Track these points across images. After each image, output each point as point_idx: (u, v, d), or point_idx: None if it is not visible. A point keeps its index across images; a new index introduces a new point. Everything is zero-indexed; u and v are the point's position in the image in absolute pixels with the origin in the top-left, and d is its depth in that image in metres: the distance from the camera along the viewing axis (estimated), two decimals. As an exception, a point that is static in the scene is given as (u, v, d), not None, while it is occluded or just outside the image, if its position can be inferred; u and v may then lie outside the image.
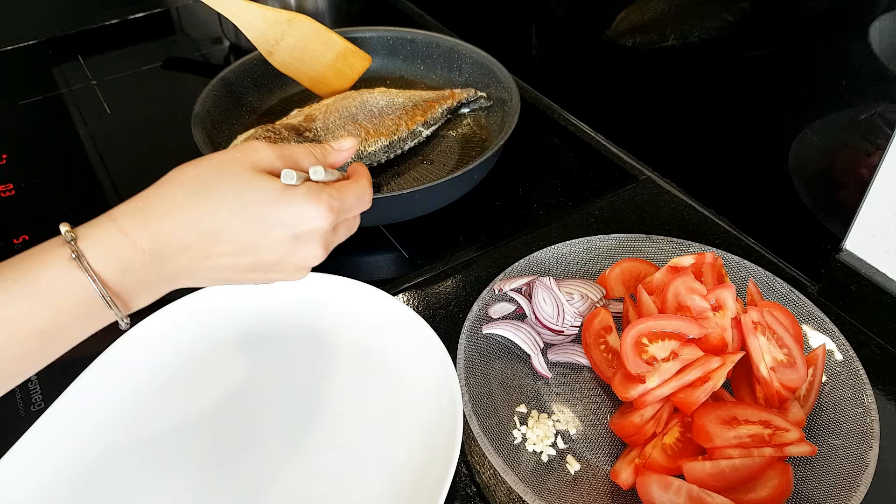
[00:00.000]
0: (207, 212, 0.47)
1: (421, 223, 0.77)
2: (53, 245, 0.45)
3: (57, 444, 0.55)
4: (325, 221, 0.49)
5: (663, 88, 0.82)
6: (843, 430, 0.55)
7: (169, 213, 0.46)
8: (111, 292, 0.45)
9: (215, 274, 0.49)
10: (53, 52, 1.12)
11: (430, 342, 0.61)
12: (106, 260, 0.45)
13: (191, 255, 0.47)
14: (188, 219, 0.46)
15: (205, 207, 0.47)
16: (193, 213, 0.47)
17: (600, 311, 0.63)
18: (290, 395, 0.60)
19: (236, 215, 0.47)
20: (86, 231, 0.45)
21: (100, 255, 0.44)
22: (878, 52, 0.59)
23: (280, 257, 0.50)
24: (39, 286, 0.43)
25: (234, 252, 0.48)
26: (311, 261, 0.52)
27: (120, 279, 0.45)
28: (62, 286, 0.44)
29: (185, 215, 0.46)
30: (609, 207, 0.81)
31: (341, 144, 0.55)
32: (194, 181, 0.48)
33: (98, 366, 0.60)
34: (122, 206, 0.47)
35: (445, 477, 0.51)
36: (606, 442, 0.57)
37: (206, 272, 0.49)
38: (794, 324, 0.60)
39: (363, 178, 0.55)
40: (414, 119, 0.84)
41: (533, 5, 0.96)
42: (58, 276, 0.44)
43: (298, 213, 0.49)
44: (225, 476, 0.55)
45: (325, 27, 0.90)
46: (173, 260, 0.47)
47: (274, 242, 0.49)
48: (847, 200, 0.64)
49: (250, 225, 0.48)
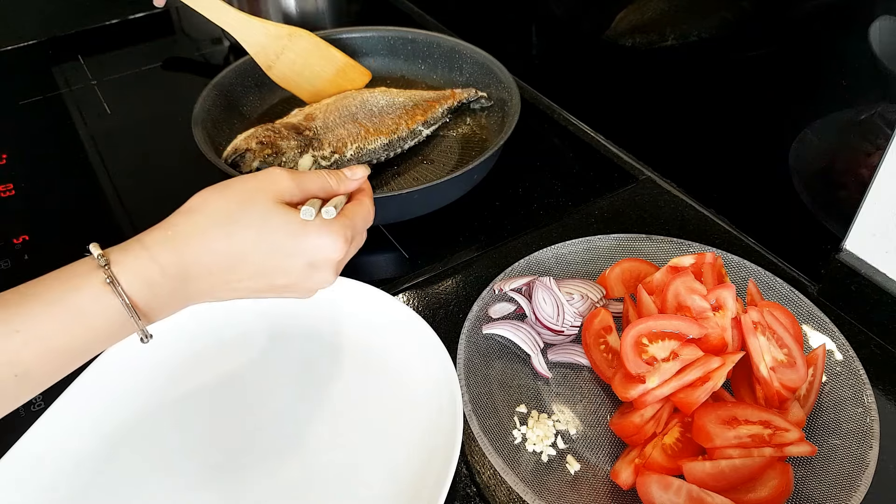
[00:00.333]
0: (233, 243, 0.50)
1: (421, 223, 0.77)
2: (87, 268, 0.47)
3: (57, 444, 0.55)
4: (341, 253, 0.53)
5: (663, 88, 0.82)
6: (843, 430, 0.55)
7: (198, 242, 0.50)
8: (139, 313, 0.48)
9: (232, 294, 0.53)
10: (53, 52, 1.12)
11: (430, 342, 0.61)
12: (138, 286, 0.47)
13: (213, 280, 0.50)
14: (215, 250, 0.50)
15: (231, 239, 0.50)
16: (220, 245, 0.50)
17: (600, 311, 0.63)
18: (290, 395, 0.60)
19: (258, 245, 0.51)
20: (118, 256, 0.48)
21: (131, 280, 0.47)
22: (878, 52, 0.59)
23: (293, 282, 0.53)
24: (76, 309, 0.46)
25: (252, 277, 0.52)
26: (322, 285, 0.55)
27: (148, 302, 0.48)
28: (97, 309, 0.46)
29: (213, 247, 0.50)
30: (609, 207, 0.81)
31: (354, 174, 0.58)
32: (220, 213, 0.51)
33: (98, 366, 0.60)
34: (152, 232, 0.50)
35: (445, 477, 0.51)
36: (606, 442, 0.57)
37: (223, 293, 0.52)
38: (794, 324, 0.60)
39: (367, 197, 0.58)
40: (414, 118, 0.84)
41: (533, 5, 0.96)
42: (93, 298, 0.46)
43: (316, 245, 0.52)
44: (225, 476, 0.55)
45: (325, 42, 0.90)
46: (196, 283, 0.50)
47: (291, 269, 0.52)
48: (847, 200, 0.64)
49: (271, 254, 0.51)
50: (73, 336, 0.46)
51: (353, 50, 0.96)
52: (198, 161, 0.75)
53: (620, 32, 0.84)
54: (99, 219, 0.82)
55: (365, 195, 0.58)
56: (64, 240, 0.77)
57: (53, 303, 0.45)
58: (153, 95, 1.03)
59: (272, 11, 1.16)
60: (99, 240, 0.48)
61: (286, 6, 1.16)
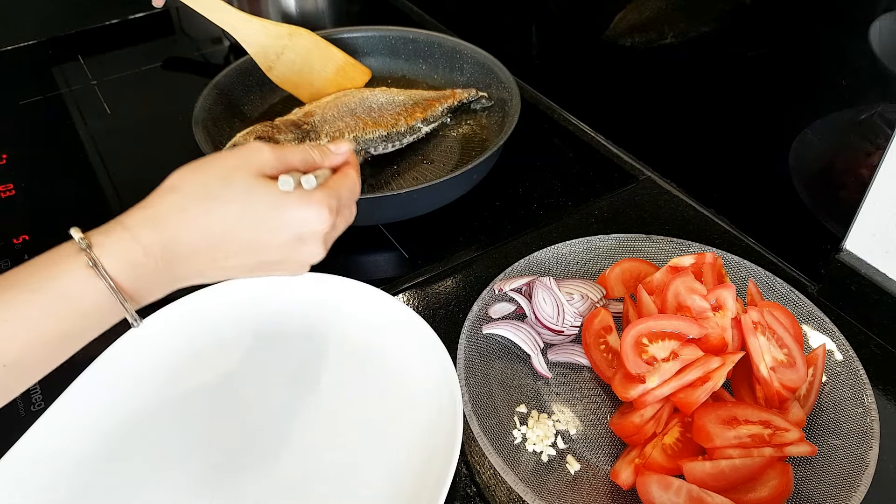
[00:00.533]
0: (215, 219, 0.49)
1: (421, 223, 0.77)
2: (69, 251, 0.47)
3: (57, 444, 0.55)
4: (327, 224, 0.51)
5: (663, 88, 0.82)
6: (843, 430, 0.55)
7: (178, 220, 0.48)
8: (126, 295, 0.47)
9: (222, 273, 0.52)
10: (53, 52, 1.12)
11: (430, 342, 0.61)
12: (121, 266, 0.47)
13: (199, 259, 0.49)
14: (197, 226, 0.48)
15: (212, 215, 0.49)
16: (202, 221, 0.48)
17: (600, 311, 0.63)
18: (289, 395, 0.60)
19: (242, 221, 0.49)
20: (99, 238, 0.47)
21: (114, 261, 0.46)
22: (878, 52, 0.59)
23: (283, 257, 0.52)
24: (62, 293, 0.45)
25: (239, 254, 0.50)
26: (312, 258, 0.53)
27: (133, 283, 0.47)
28: (82, 292, 0.46)
29: (194, 223, 0.48)
30: (609, 207, 0.81)
31: (339, 147, 0.57)
32: (201, 189, 0.49)
33: (98, 366, 0.60)
34: (132, 212, 0.49)
35: (445, 477, 0.51)
36: (606, 442, 0.57)
37: (212, 272, 0.51)
38: (794, 324, 0.60)
39: (351, 168, 0.56)
40: (413, 115, 0.84)
41: (533, 5, 0.96)
42: (77, 282, 0.45)
43: (299, 217, 0.51)
44: (225, 476, 0.55)
45: (325, 41, 0.90)
46: (183, 264, 0.49)
47: (278, 244, 0.51)
48: (847, 200, 0.64)
49: (255, 229, 0.50)
50: (61, 322, 0.45)
51: (354, 50, 0.96)
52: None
53: (620, 32, 0.84)
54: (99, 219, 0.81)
55: (350, 167, 0.56)
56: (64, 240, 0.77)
57: (38, 289, 0.45)
58: (153, 95, 1.03)
59: (272, 11, 1.16)
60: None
61: (286, 6, 1.17)
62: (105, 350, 0.60)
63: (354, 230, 0.77)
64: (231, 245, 0.50)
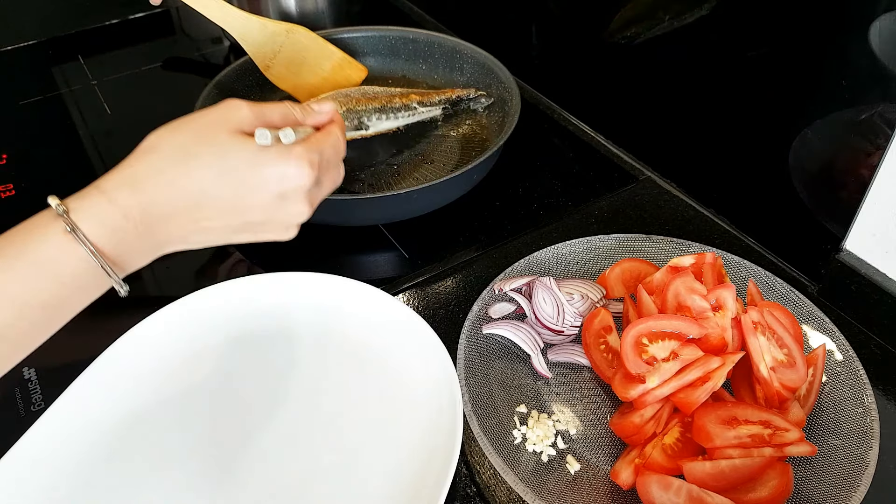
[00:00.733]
0: (192, 179, 0.47)
1: (421, 223, 0.77)
2: (46, 219, 0.45)
3: (57, 443, 0.55)
4: (308, 179, 0.50)
5: (663, 88, 0.82)
6: (843, 430, 0.55)
7: (155, 182, 0.47)
8: (108, 261, 0.46)
9: (206, 237, 0.50)
10: (53, 52, 1.12)
11: (430, 342, 0.61)
12: (100, 231, 0.45)
13: (180, 222, 0.48)
14: (175, 187, 0.47)
15: (189, 175, 0.47)
16: (179, 182, 0.47)
17: (600, 311, 0.63)
18: (289, 395, 0.60)
19: (220, 179, 0.48)
20: (76, 203, 0.46)
21: (93, 226, 0.45)
22: (878, 52, 0.59)
23: (267, 217, 0.51)
24: (40, 261, 0.44)
25: (221, 215, 0.49)
26: (298, 217, 0.52)
27: (115, 248, 0.46)
28: (62, 259, 0.44)
29: (172, 184, 0.47)
30: (609, 207, 0.81)
31: (321, 106, 0.55)
32: (176, 149, 0.48)
33: (98, 366, 0.60)
34: (108, 176, 0.48)
35: (445, 477, 0.51)
36: (606, 442, 0.57)
37: (196, 236, 0.50)
38: (794, 324, 0.60)
39: (335, 126, 0.55)
40: (409, 97, 0.85)
41: (533, 5, 0.96)
42: (56, 249, 0.44)
43: (279, 173, 0.49)
44: (225, 476, 0.55)
45: (322, 39, 0.90)
46: (164, 227, 0.48)
47: (259, 203, 0.50)
48: (847, 200, 0.64)
49: (235, 188, 0.48)
50: (42, 290, 0.44)
51: (354, 50, 0.96)
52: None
53: (620, 32, 0.84)
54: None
55: (334, 126, 0.55)
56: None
57: (16, 257, 0.44)
58: (153, 95, 1.03)
59: (272, 11, 1.16)
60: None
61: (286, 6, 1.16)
62: (105, 350, 0.60)
63: (354, 230, 0.78)
64: (212, 205, 0.48)
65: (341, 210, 0.74)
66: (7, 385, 0.62)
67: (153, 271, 0.74)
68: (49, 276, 0.44)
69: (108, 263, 0.46)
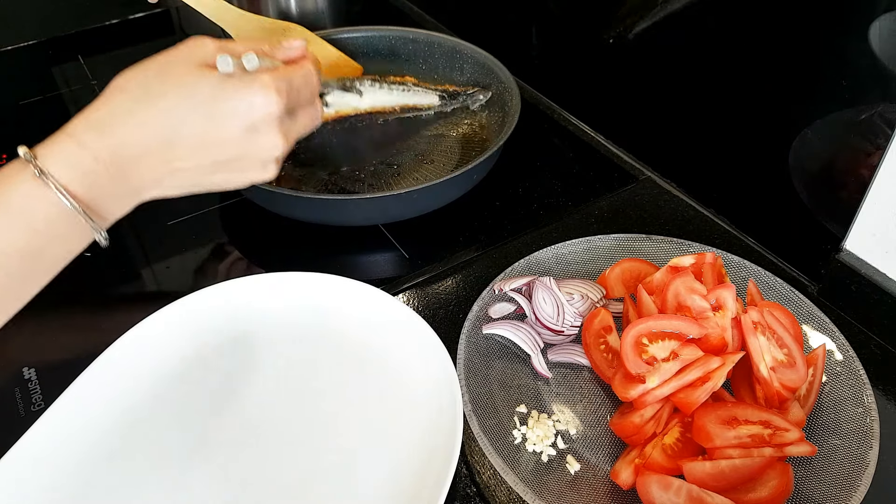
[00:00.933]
0: (158, 115, 0.47)
1: (421, 223, 0.77)
2: (16, 167, 0.45)
3: (57, 444, 0.55)
4: (276, 107, 0.49)
5: (663, 88, 0.82)
6: (843, 430, 0.55)
7: (122, 122, 0.47)
8: (82, 205, 0.45)
9: (181, 180, 0.49)
10: (53, 52, 1.12)
11: (430, 342, 0.61)
12: (70, 174, 0.45)
13: (152, 163, 0.47)
14: (141, 125, 0.47)
15: (154, 112, 0.47)
16: (145, 120, 0.47)
17: (600, 311, 0.63)
18: (289, 396, 0.60)
19: (186, 114, 0.47)
20: (44, 150, 0.46)
21: (63, 169, 0.45)
22: (878, 52, 0.59)
23: (240, 152, 0.50)
24: (11, 208, 0.44)
25: (193, 154, 0.48)
26: (272, 151, 0.51)
27: (88, 192, 0.46)
28: (33, 205, 0.44)
29: (141, 125, 0.47)
30: (609, 207, 0.81)
31: (291, 43, 0.54)
32: (140, 87, 0.48)
33: (98, 366, 0.59)
34: (75, 120, 0.47)
35: (445, 477, 0.51)
36: (606, 442, 0.57)
37: (170, 179, 0.49)
38: (794, 324, 0.60)
39: (306, 61, 0.54)
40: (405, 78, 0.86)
41: (533, 5, 0.96)
42: (26, 195, 0.44)
43: (245, 102, 0.48)
44: (225, 476, 0.55)
45: (318, 38, 0.90)
46: (136, 168, 0.47)
47: (229, 136, 0.49)
48: (847, 200, 0.64)
49: (202, 123, 0.48)
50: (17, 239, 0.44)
51: (354, 50, 0.96)
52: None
53: (620, 32, 0.84)
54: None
55: (306, 60, 0.53)
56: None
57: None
58: (153, 95, 1.02)
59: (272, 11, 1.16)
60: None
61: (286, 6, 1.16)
62: (105, 350, 0.60)
63: (354, 230, 0.78)
64: (181, 144, 0.48)
65: (341, 210, 0.74)
66: (7, 385, 0.62)
67: (153, 271, 0.74)
68: (22, 224, 0.44)
69: (83, 208, 0.45)
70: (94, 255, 0.74)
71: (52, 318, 0.69)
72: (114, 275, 0.73)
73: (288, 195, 0.74)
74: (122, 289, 0.72)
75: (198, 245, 0.76)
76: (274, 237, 0.78)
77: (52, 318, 0.69)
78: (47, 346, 0.66)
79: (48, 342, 0.66)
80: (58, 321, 0.69)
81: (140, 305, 0.65)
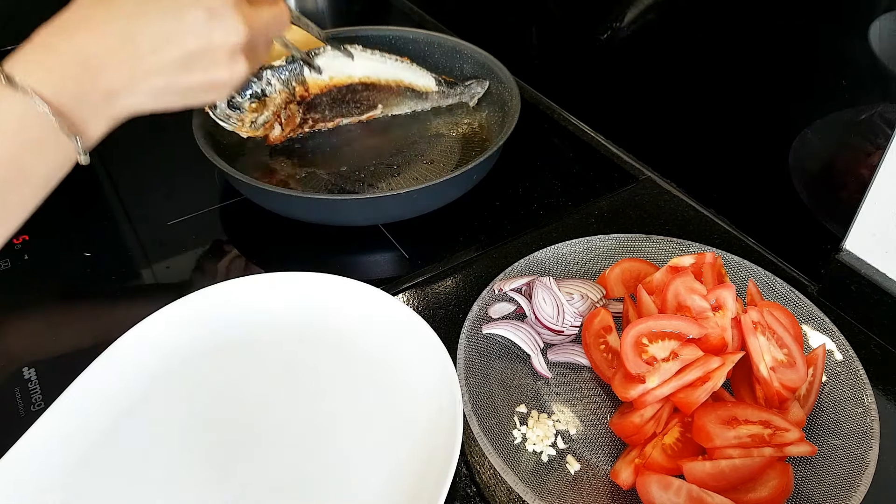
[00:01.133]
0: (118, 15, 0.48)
1: (421, 223, 0.77)
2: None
3: (57, 444, 0.55)
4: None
5: (663, 88, 0.82)
6: (843, 430, 0.55)
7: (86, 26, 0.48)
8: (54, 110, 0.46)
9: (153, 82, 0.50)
10: (53, 51, 1.12)
11: (430, 342, 0.61)
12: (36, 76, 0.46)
13: (120, 62, 0.49)
14: (102, 23, 0.48)
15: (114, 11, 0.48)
16: (105, 19, 0.48)
17: (600, 311, 0.63)
18: (289, 395, 0.60)
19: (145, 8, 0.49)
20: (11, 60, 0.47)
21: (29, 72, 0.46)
22: (878, 52, 0.59)
23: (204, 42, 0.50)
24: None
25: (159, 49, 0.49)
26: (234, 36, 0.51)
27: (56, 96, 0.46)
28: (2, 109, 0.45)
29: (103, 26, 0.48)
30: (609, 207, 0.81)
31: None
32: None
33: (98, 366, 0.59)
34: (40, 30, 0.48)
35: (445, 477, 0.51)
36: (606, 442, 0.57)
37: (142, 82, 0.50)
38: (794, 324, 0.60)
39: None
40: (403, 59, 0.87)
41: (533, 5, 0.96)
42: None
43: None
44: (225, 476, 0.55)
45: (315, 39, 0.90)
46: (104, 70, 0.48)
47: (191, 28, 0.50)
48: (847, 200, 0.64)
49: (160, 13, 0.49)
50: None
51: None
52: (198, 161, 0.75)
53: (620, 32, 0.84)
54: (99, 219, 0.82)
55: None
56: (64, 240, 0.77)
57: None
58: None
59: (272, 11, 1.16)
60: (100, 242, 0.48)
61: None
62: (105, 350, 0.60)
63: (354, 230, 0.78)
64: (145, 39, 0.49)
65: (341, 210, 0.74)
66: (7, 385, 0.62)
67: (153, 271, 0.74)
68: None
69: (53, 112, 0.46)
70: (95, 255, 0.75)
71: (52, 318, 0.69)
72: (114, 274, 0.73)
73: (288, 195, 0.74)
74: (122, 288, 0.72)
75: (198, 245, 0.76)
76: (274, 237, 0.78)
77: (52, 318, 0.69)
78: (47, 346, 0.66)
79: (48, 342, 0.66)
80: (58, 321, 0.69)
81: (140, 305, 0.65)
